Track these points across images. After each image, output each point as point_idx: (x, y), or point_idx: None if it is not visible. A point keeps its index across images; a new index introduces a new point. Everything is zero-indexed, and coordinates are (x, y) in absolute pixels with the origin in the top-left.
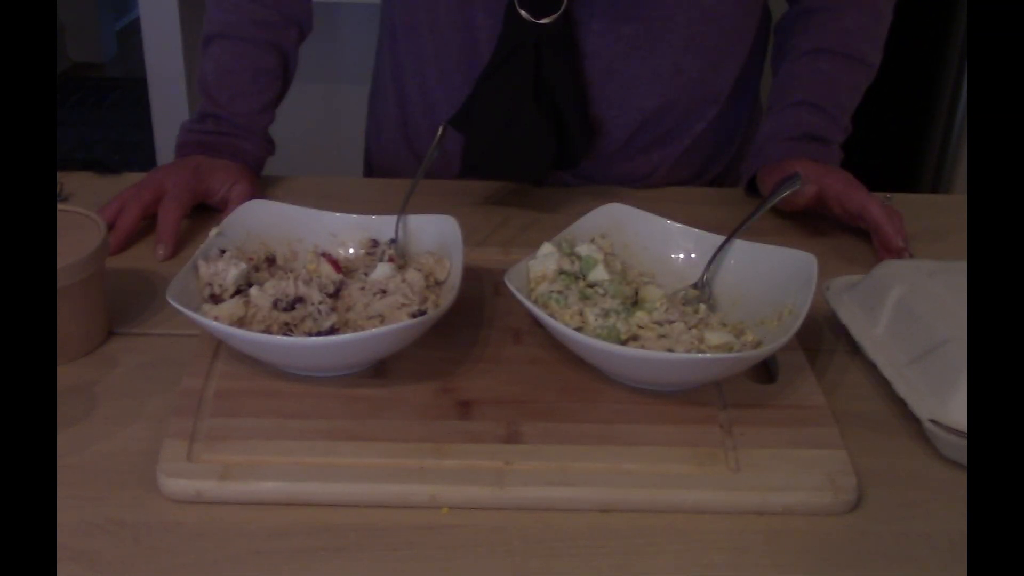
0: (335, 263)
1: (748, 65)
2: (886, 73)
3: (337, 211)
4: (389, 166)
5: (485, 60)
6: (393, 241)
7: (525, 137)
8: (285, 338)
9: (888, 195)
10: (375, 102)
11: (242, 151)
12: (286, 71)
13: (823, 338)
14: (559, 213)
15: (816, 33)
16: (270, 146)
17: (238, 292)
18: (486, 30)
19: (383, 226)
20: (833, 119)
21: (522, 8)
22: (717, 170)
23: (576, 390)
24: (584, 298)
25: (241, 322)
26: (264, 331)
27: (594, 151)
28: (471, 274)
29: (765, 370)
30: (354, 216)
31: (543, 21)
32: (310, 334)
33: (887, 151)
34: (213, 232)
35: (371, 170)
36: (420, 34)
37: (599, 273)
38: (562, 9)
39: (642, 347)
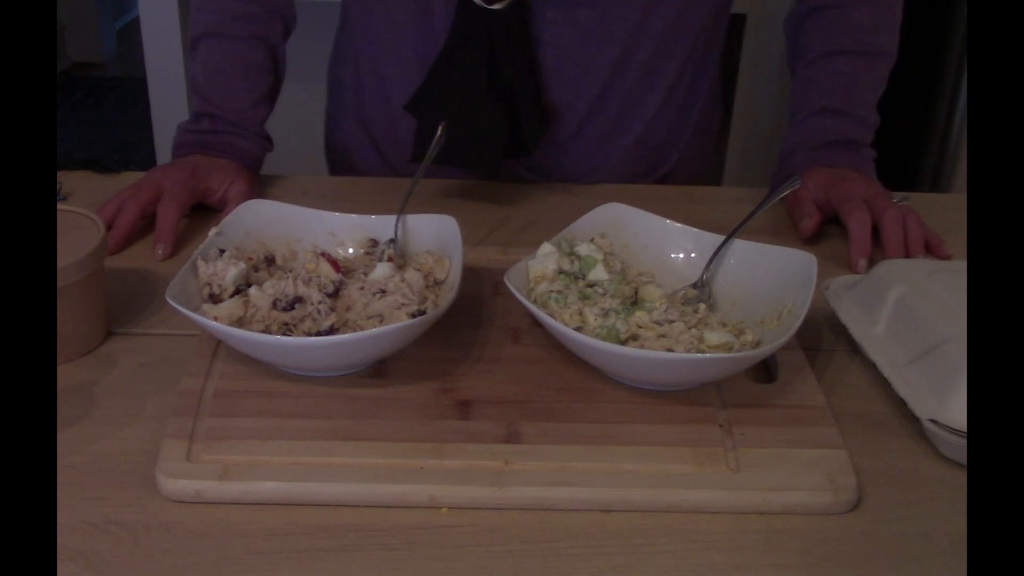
0: (334, 263)
1: (699, 56)
2: None
3: (336, 211)
4: (345, 150)
5: (440, 46)
6: (392, 241)
7: (477, 125)
8: (284, 338)
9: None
10: (333, 84)
11: (239, 149)
12: (276, 65)
13: (823, 338)
14: (558, 213)
15: (828, 33)
16: (268, 143)
17: (237, 292)
18: (441, 17)
19: (382, 226)
20: (858, 120)
21: None
22: (668, 166)
23: (575, 390)
24: (584, 298)
25: (240, 322)
26: (263, 331)
27: (546, 139)
28: (470, 274)
29: (765, 370)
30: (353, 216)
31: (495, 7)
32: (309, 334)
33: (887, 150)
34: (212, 232)
35: (331, 156)
36: (376, 19)
37: (599, 273)
38: None
39: (642, 347)
